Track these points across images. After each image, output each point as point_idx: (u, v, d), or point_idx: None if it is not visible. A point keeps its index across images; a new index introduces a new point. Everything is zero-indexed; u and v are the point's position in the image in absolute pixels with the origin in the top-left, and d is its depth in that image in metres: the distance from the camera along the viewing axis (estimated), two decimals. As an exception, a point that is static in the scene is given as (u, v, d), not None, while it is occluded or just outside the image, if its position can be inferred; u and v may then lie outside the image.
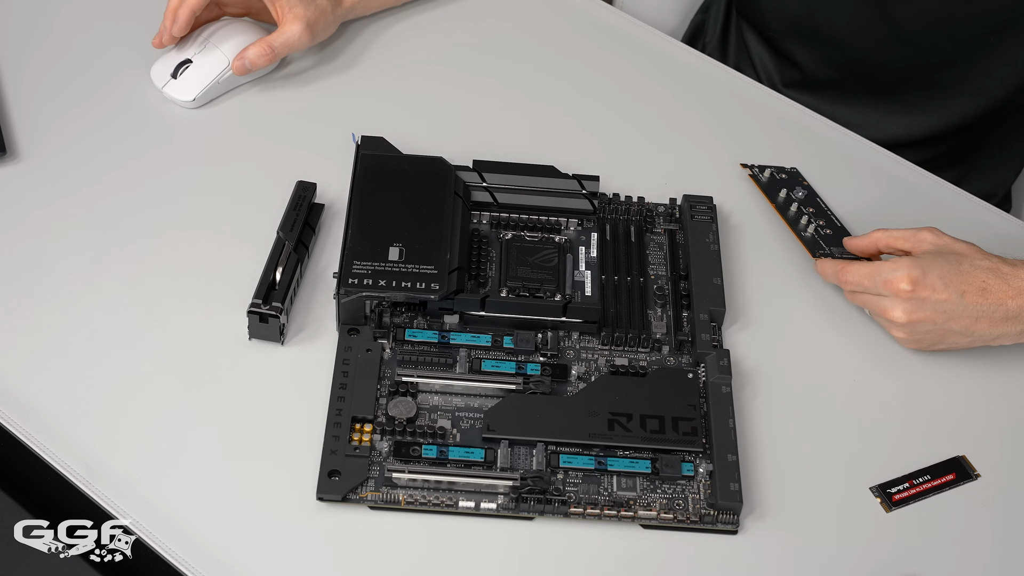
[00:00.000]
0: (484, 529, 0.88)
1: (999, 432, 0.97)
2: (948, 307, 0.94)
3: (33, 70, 1.14)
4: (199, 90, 1.11)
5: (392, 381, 0.94)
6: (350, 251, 0.96)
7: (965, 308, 0.94)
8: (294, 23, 1.11)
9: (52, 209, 1.04)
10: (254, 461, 0.90)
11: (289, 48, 1.12)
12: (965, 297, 0.94)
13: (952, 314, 0.95)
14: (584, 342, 0.98)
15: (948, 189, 1.14)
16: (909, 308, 0.95)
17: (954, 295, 0.94)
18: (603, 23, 1.25)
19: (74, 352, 0.95)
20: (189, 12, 1.09)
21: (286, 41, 1.11)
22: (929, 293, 0.94)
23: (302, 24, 1.11)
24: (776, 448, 0.94)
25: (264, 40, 1.11)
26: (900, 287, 0.95)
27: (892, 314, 0.96)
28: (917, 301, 0.95)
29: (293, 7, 1.11)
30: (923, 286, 0.94)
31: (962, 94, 1.20)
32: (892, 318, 0.96)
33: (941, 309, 0.95)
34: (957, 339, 0.96)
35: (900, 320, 0.95)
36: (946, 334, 0.96)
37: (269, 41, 1.11)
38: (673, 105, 1.18)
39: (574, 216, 1.04)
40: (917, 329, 0.96)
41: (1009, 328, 0.95)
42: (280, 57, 1.13)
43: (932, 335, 0.97)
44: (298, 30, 1.11)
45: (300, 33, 1.11)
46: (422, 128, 1.12)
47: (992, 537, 0.91)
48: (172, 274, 1.00)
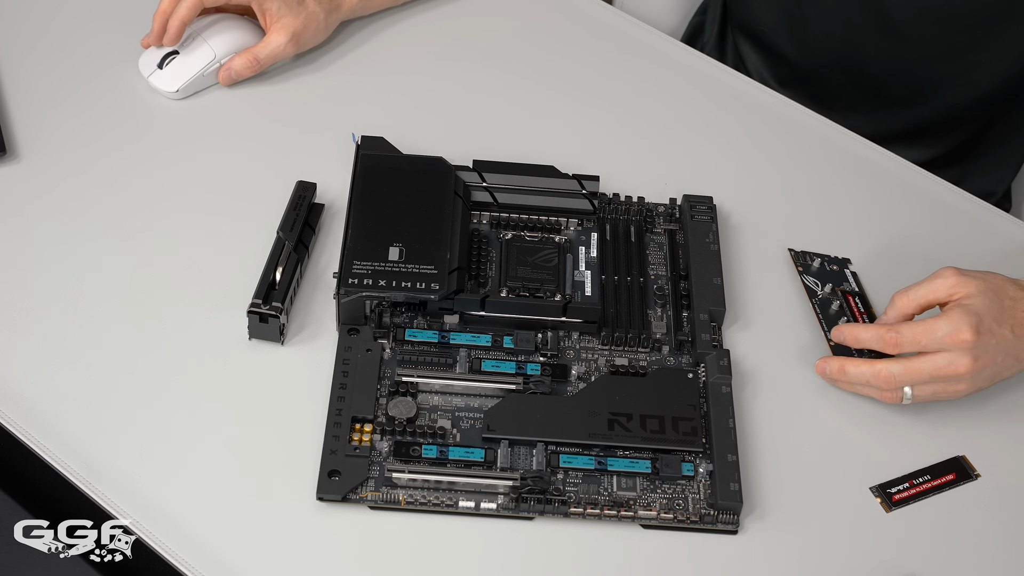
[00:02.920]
0: (484, 529, 0.88)
1: (999, 432, 0.97)
2: (1007, 345, 0.93)
3: (31, 70, 1.14)
4: (183, 82, 1.11)
5: (392, 381, 0.94)
6: (350, 251, 0.96)
7: (1016, 341, 0.93)
8: (279, 33, 1.12)
9: (52, 209, 1.04)
10: (254, 461, 0.90)
11: (274, 58, 1.13)
12: (1015, 331, 0.93)
13: (1010, 350, 0.93)
14: (584, 342, 0.98)
15: (948, 189, 1.14)
16: (975, 355, 0.92)
17: (1007, 331, 0.93)
18: (603, 23, 1.25)
19: (74, 352, 0.95)
20: (180, 23, 1.10)
21: (271, 52, 1.13)
22: (989, 337, 0.92)
23: (287, 34, 1.12)
24: (776, 448, 0.94)
25: (250, 51, 1.13)
26: (963, 338, 0.91)
27: (958, 367, 0.91)
28: (981, 348, 0.92)
29: (281, 17, 1.12)
30: (984, 332, 0.92)
31: (952, 86, 1.21)
32: (959, 371, 0.92)
33: (1002, 348, 0.93)
34: (1009, 371, 0.94)
35: (968, 370, 0.92)
36: (1002, 370, 0.94)
37: (255, 52, 1.12)
38: (673, 105, 1.18)
39: (574, 216, 1.04)
40: (980, 375, 0.93)
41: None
42: (265, 67, 1.14)
43: (990, 374, 0.93)
44: (283, 40, 1.12)
45: (285, 44, 1.13)
46: (422, 128, 1.12)
47: (992, 537, 0.91)
48: (172, 274, 1.00)
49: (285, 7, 1.12)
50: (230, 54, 1.13)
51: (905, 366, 0.93)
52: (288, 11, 1.12)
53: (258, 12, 1.13)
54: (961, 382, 0.93)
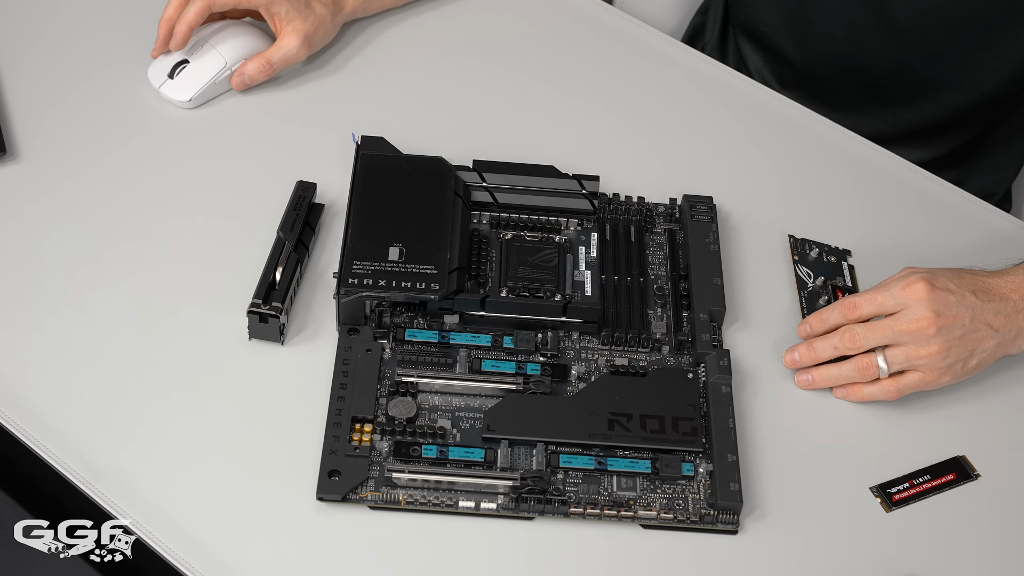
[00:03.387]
0: (484, 529, 0.88)
1: (999, 432, 0.97)
2: (972, 307, 0.93)
3: (32, 71, 1.14)
4: (195, 90, 1.11)
5: (392, 381, 0.94)
6: (350, 251, 0.96)
7: (981, 305, 0.93)
8: (291, 37, 1.12)
9: (52, 209, 1.04)
10: (254, 461, 0.90)
11: (287, 62, 1.14)
12: (979, 296, 0.94)
13: (977, 313, 0.93)
14: (584, 342, 0.98)
15: (948, 189, 1.14)
16: (935, 308, 0.92)
17: (968, 294, 0.93)
18: (603, 23, 1.25)
19: (74, 352, 0.95)
20: (187, 29, 1.10)
21: (284, 56, 1.13)
22: (946, 294, 0.93)
23: (299, 38, 1.13)
24: (776, 448, 0.94)
25: (262, 55, 1.13)
26: (916, 288, 0.92)
27: (920, 321, 0.92)
28: (940, 303, 0.92)
29: (291, 20, 1.12)
30: (939, 288, 0.93)
31: (954, 87, 1.21)
32: (923, 326, 0.92)
33: (967, 309, 0.93)
34: (986, 341, 0.94)
35: (931, 323, 0.92)
36: (976, 340, 0.93)
37: (267, 56, 1.12)
38: (673, 105, 1.18)
39: (574, 216, 1.04)
40: (951, 337, 0.92)
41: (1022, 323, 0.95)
42: (278, 71, 1.14)
43: (964, 343, 0.93)
44: (295, 44, 1.12)
45: (297, 47, 1.13)
46: (422, 128, 1.12)
47: (992, 537, 0.91)
48: (172, 274, 1.00)
49: (293, 10, 1.12)
50: (240, 60, 1.13)
51: (868, 324, 0.94)
52: (297, 14, 1.12)
53: (266, 16, 1.13)
54: (931, 342, 0.92)
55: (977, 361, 0.94)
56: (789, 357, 0.98)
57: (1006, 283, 0.95)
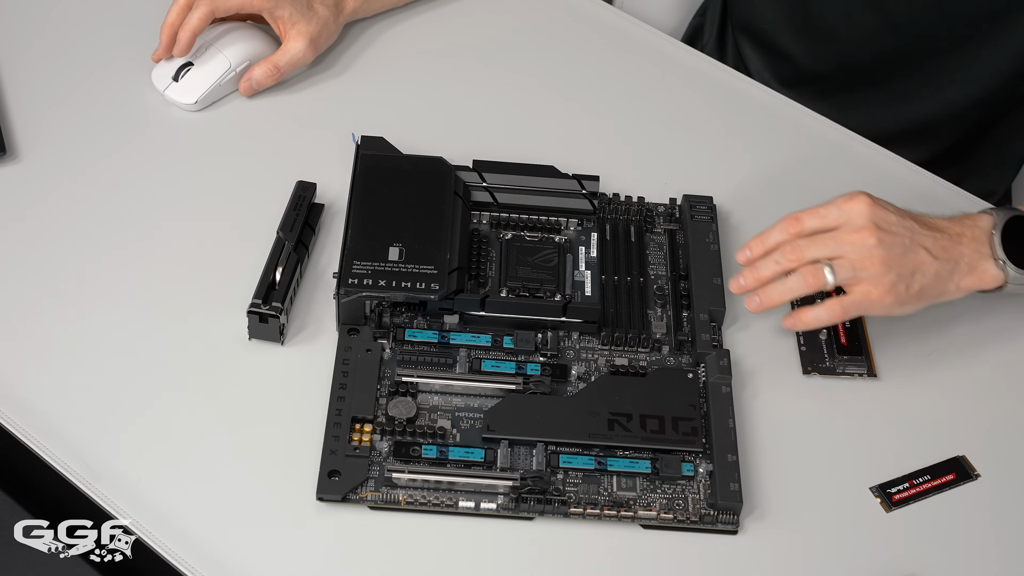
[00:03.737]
0: (484, 529, 0.88)
1: (999, 432, 0.97)
2: (912, 231, 0.93)
3: (33, 71, 1.14)
4: (200, 93, 1.11)
5: (392, 381, 0.94)
6: (350, 251, 0.96)
7: (920, 230, 0.94)
8: (297, 40, 1.12)
9: (52, 210, 1.04)
10: (254, 461, 0.90)
11: (294, 65, 1.14)
12: (921, 224, 0.94)
13: (914, 232, 0.93)
14: (584, 342, 0.98)
15: (948, 189, 1.14)
16: (875, 221, 0.92)
17: (910, 221, 0.94)
18: (603, 23, 1.25)
19: (74, 352, 0.95)
20: (191, 34, 1.10)
21: (291, 59, 1.13)
22: (886, 212, 0.93)
23: (305, 40, 1.13)
24: (776, 448, 0.94)
25: (269, 60, 1.13)
26: (856, 200, 0.93)
27: (861, 231, 0.92)
28: (880, 218, 0.92)
29: (296, 23, 1.12)
30: (879, 206, 0.93)
31: (954, 83, 1.21)
32: (864, 236, 0.92)
33: (907, 231, 0.93)
34: (927, 265, 0.93)
35: (872, 234, 0.91)
36: (917, 262, 0.93)
37: (274, 60, 1.13)
38: (673, 105, 1.18)
39: (574, 216, 1.04)
40: (892, 251, 0.92)
41: (960, 255, 0.94)
42: (286, 74, 1.14)
43: (905, 262, 0.92)
44: (302, 47, 1.13)
45: (304, 50, 1.13)
46: (422, 128, 1.12)
47: (992, 537, 0.91)
48: (172, 274, 1.00)
49: (297, 13, 1.12)
50: (244, 62, 1.13)
51: (811, 237, 0.94)
52: (301, 17, 1.12)
53: (270, 20, 1.13)
54: (873, 253, 0.91)
55: (920, 286, 0.93)
56: (735, 283, 0.96)
57: (942, 220, 0.96)
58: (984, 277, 0.95)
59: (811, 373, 0.98)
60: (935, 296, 0.95)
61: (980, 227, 0.95)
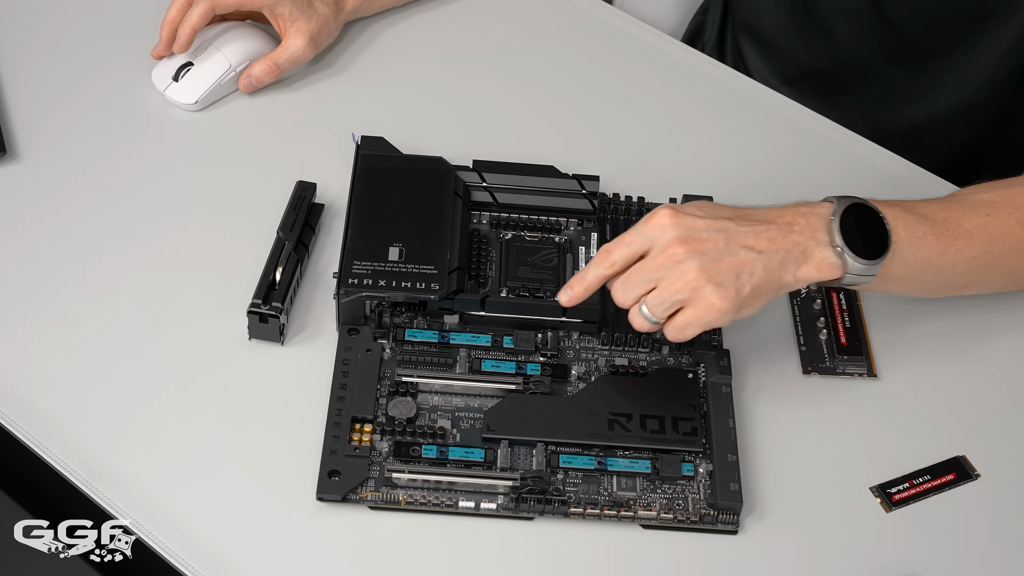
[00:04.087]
0: (484, 529, 0.88)
1: (999, 432, 0.97)
2: (721, 227, 0.88)
3: (33, 71, 1.14)
4: (201, 92, 1.11)
5: (392, 381, 0.94)
6: (350, 251, 0.96)
7: (737, 228, 0.89)
8: (297, 37, 1.12)
9: (52, 210, 1.04)
10: (254, 461, 0.90)
11: (294, 63, 1.14)
12: (733, 220, 0.89)
13: (729, 233, 0.88)
14: (584, 342, 0.98)
15: (949, 189, 1.14)
16: (680, 234, 0.87)
17: (721, 219, 0.89)
18: (603, 23, 1.25)
19: (74, 352, 0.95)
20: (190, 31, 1.10)
21: (290, 56, 1.13)
22: (692, 220, 0.88)
23: (305, 38, 1.13)
24: (776, 448, 0.94)
25: (269, 57, 1.13)
26: (659, 216, 0.88)
27: (669, 248, 0.87)
28: (686, 228, 0.87)
29: (296, 21, 1.12)
30: (684, 214, 0.88)
31: (954, 82, 1.21)
32: (673, 251, 0.87)
33: (719, 233, 0.88)
34: (750, 264, 0.88)
35: (682, 246, 0.87)
36: (739, 263, 0.87)
37: (274, 58, 1.13)
38: (673, 105, 1.18)
39: (574, 216, 1.04)
40: (706, 260, 0.87)
41: (793, 244, 0.89)
42: (285, 72, 1.14)
43: (724, 268, 0.87)
44: (302, 44, 1.13)
45: (304, 47, 1.13)
46: (422, 128, 1.12)
47: (992, 537, 0.91)
48: (172, 274, 1.00)
49: (297, 11, 1.12)
50: (244, 61, 1.13)
51: (623, 277, 0.89)
52: (301, 15, 1.12)
53: (270, 18, 1.13)
54: (685, 269, 0.87)
55: (751, 285, 0.88)
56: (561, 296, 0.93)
57: (770, 211, 0.91)
58: (822, 265, 0.89)
59: (811, 373, 0.99)
60: (774, 290, 0.89)
61: (818, 214, 0.91)
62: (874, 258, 0.90)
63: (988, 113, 1.23)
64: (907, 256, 0.92)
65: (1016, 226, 0.94)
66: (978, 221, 0.94)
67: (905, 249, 0.91)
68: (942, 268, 0.93)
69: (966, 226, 0.93)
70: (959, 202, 0.95)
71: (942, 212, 0.94)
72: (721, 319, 0.88)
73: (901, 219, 0.92)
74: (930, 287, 0.96)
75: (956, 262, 0.93)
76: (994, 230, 0.94)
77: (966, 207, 0.95)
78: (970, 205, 0.95)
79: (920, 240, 0.92)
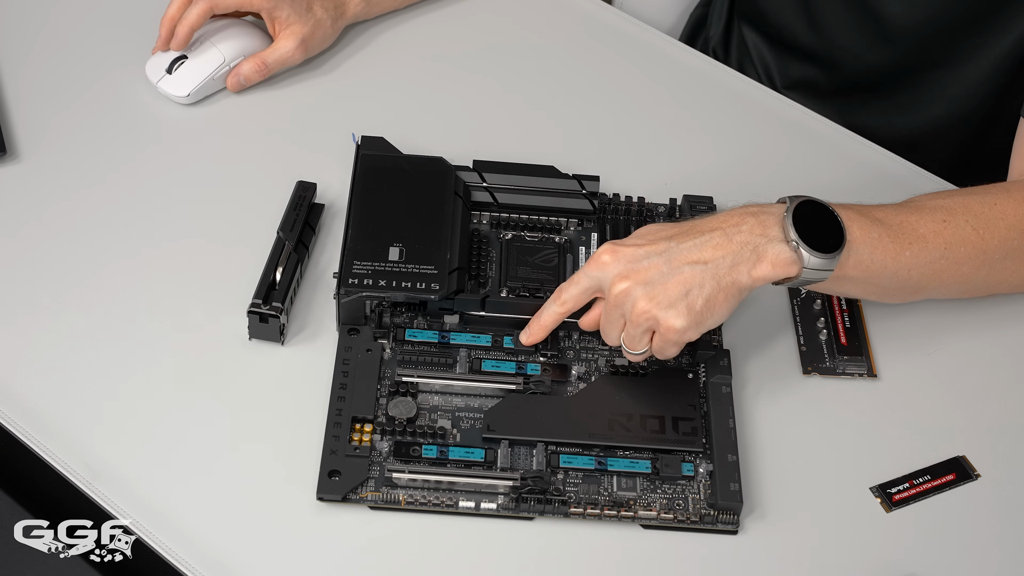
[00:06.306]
0: (484, 529, 0.88)
1: (999, 432, 0.97)
2: (660, 250, 0.89)
3: (32, 70, 1.14)
4: (193, 86, 1.11)
5: (392, 381, 0.94)
6: (350, 251, 0.96)
7: (678, 246, 0.89)
8: (288, 39, 1.13)
9: (52, 209, 1.04)
10: (254, 461, 0.90)
11: (282, 64, 1.14)
12: (674, 239, 0.90)
13: (670, 254, 0.89)
14: (584, 342, 0.98)
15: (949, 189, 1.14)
16: (622, 270, 0.88)
17: (661, 241, 0.90)
18: (603, 23, 1.25)
19: (74, 352, 0.95)
20: (189, 29, 1.10)
21: (279, 57, 1.13)
22: (633, 249, 0.89)
23: (296, 40, 1.13)
24: (776, 448, 0.94)
25: (258, 56, 1.13)
26: (601, 253, 0.89)
27: (615, 284, 0.88)
28: (627, 260, 0.89)
29: (290, 23, 1.13)
30: (624, 246, 0.89)
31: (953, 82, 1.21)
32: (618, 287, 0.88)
33: (656, 253, 0.89)
34: (696, 277, 0.88)
35: (625, 278, 0.88)
36: (683, 280, 0.88)
37: (263, 57, 1.13)
38: (673, 105, 1.18)
39: (574, 216, 1.04)
40: (653, 288, 0.88)
41: (742, 244, 0.89)
42: (273, 72, 1.14)
43: (669, 289, 0.88)
44: (291, 46, 1.13)
45: (293, 50, 1.13)
46: (422, 128, 1.12)
47: (992, 537, 0.91)
48: (172, 274, 1.00)
49: (294, 14, 1.12)
50: (239, 58, 1.13)
51: (586, 323, 0.94)
52: (297, 18, 1.13)
53: (267, 19, 1.14)
54: (636, 302, 0.88)
55: (703, 299, 0.88)
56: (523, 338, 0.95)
57: (715, 218, 0.91)
58: (777, 261, 0.88)
59: (811, 373, 0.99)
60: (732, 295, 0.89)
61: (769, 212, 0.91)
62: (830, 252, 0.90)
63: (977, 123, 1.23)
64: (862, 257, 0.91)
65: (972, 233, 0.95)
66: (934, 227, 0.94)
67: (860, 250, 0.91)
68: (897, 271, 0.93)
69: (922, 231, 0.93)
70: (915, 208, 0.95)
71: (897, 216, 0.94)
72: (686, 336, 0.89)
73: (855, 220, 0.92)
74: (884, 290, 0.96)
75: (911, 266, 0.93)
76: (950, 236, 0.94)
77: (922, 212, 0.95)
78: (927, 211, 0.95)
79: (875, 242, 0.92)
